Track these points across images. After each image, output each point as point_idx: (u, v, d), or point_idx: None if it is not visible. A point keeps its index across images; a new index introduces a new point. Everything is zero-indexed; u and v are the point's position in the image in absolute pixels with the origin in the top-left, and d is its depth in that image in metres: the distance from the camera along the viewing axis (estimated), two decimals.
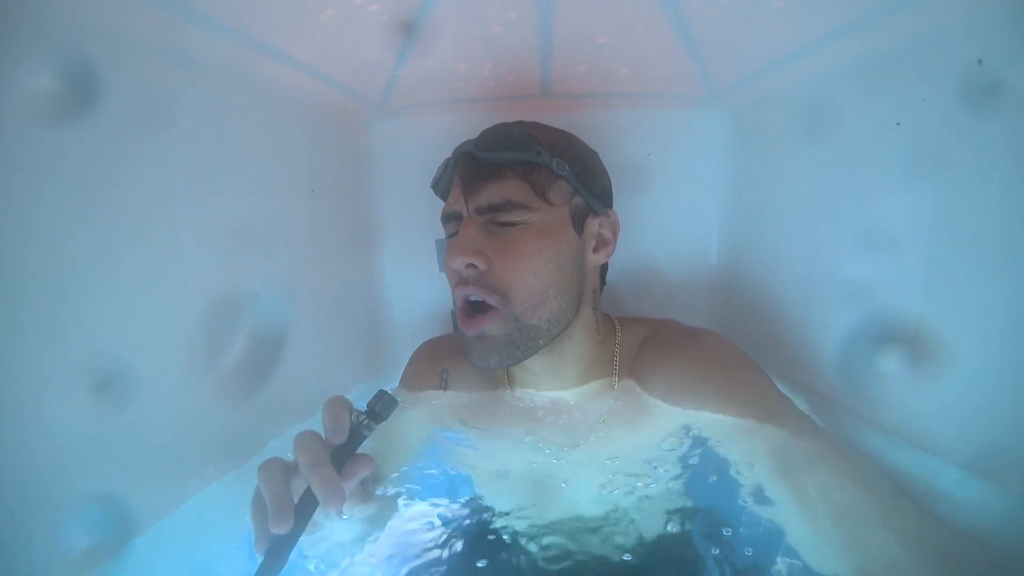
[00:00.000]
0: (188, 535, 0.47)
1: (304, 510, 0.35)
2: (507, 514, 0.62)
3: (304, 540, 0.36)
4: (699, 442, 0.58)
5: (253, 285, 0.59)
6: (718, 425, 0.51)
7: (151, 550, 0.44)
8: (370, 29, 0.54)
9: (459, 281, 0.51)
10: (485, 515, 0.64)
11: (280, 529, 0.33)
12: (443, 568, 0.64)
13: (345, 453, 0.37)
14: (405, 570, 0.63)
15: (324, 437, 0.38)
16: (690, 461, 0.60)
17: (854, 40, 0.52)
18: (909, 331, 0.49)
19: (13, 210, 0.36)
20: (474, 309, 0.50)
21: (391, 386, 0.71)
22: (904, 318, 0.50)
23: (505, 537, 0.63)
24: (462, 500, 0.66)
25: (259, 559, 0.35)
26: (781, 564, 0.58)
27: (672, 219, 0.83)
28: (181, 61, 0.48)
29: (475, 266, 0.49)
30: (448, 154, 0.57)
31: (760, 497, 0.48)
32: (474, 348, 0.51)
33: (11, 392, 0.36)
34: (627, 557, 0.58)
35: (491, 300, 0.49)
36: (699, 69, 0.67)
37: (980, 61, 0.42)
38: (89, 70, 0.40)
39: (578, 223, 0.53)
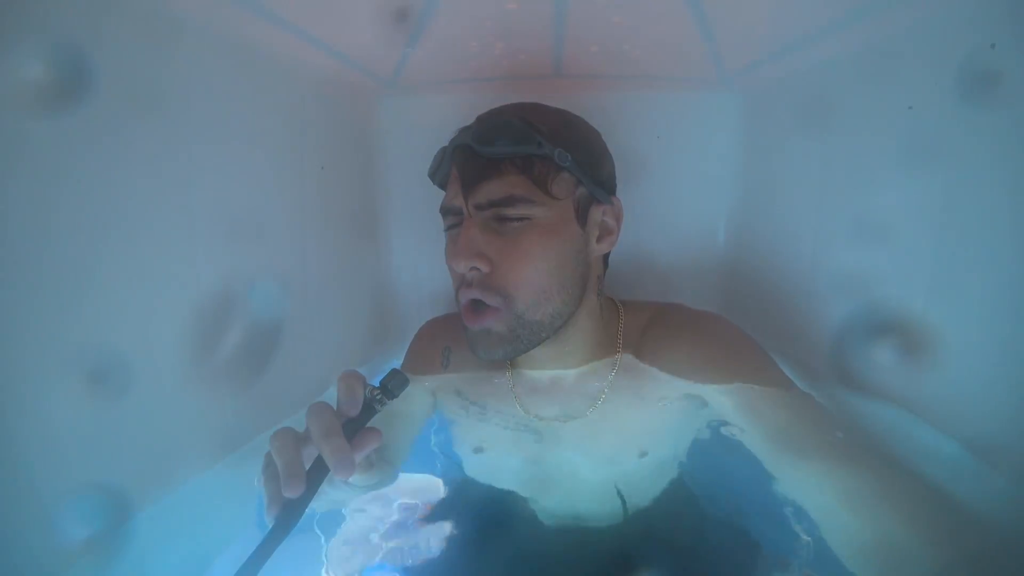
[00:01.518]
0: (186, 517, 0.48)
1: (315, 477, 0.36)
2: (506, 487, 0.63)
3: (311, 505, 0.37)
4: (700, 420, 0.59)
5: (259, 265, 0.58)
6: (720, 404, 0.52)
7: (148, 531, 0.44)
8: (384, 18, 0.54)
9: (462, 283, 0.51)
10: (484, 489, 0.65)
11: (293, 493, 0.34)
12: (442, 540, 0.66)
13: (356, 426, 0.38)
14: (405, 541, 0.65)
15: (337, 409, 0.38)
16: (689, 437, 0.60)
17: (866, 25, 0.52)
18: (914, 318, 0.50)
19: (3, 201, 0.35)
20: (477, 305, 0.50)
21: (397, 364, 0.72)
22: (908, 305, 0.50)
23: (505, 510, 0.65)
24: (461, 474, 0.67)
25: (269, 524, 0.35)
26: (782, 537, 0.59)
27: (680, 202, 0.83)
28: (180, 31, 0.46)
29: (478, 269, 0.49)
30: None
31: (761, 474, 0.49)
32: (479, 342, 0.51)
33: (4, 383, 0.35)
34: (627, 528, 0.59)
35: (493, 302, 0.49)
36: (711, 51, 0.66)
37: (993, 45, 0.42)
38: (79, 52, 0.38)
39: (581, 215, 0.52)
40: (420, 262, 0.87)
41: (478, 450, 0.62)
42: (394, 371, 0.40)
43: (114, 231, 0.42)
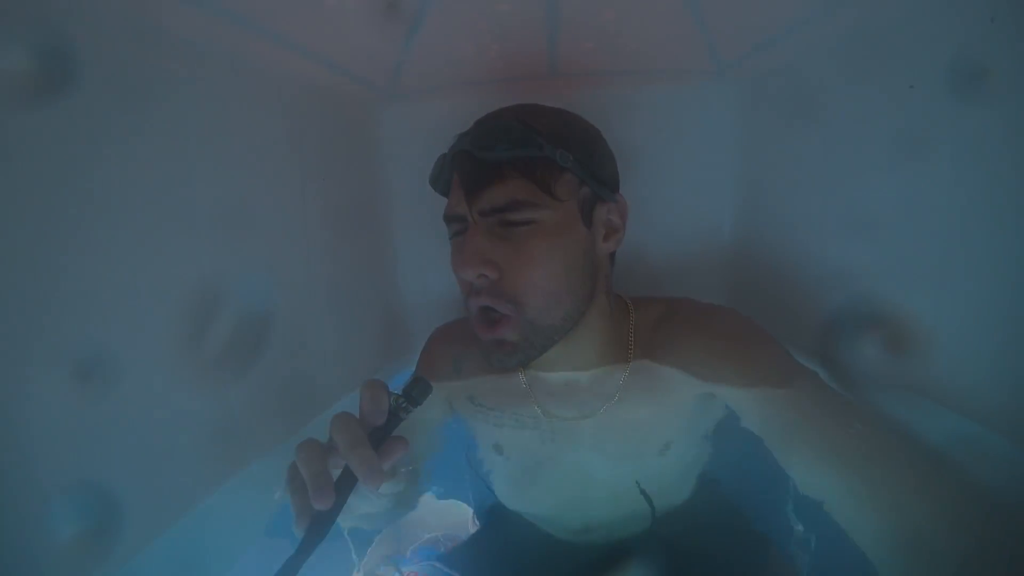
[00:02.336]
0: (198, 536, 0.47)
1: (343, 487, 0.36)
2: (527, 489, 0.63)
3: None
4: (717, 414, 0.59)
5: (255, 272, 0.58)
6: (737, 397, 0.51)
7: (159, 553, 0.44)
8: (375, 10, 0.53)
9: (470, 291, 0.50)
10: (502, 492, 0.65)
11: (322, 504, 0.34)
12: (462, 543, 0.66)
13: (381, 435, 0.38)
14: (426, 544, 0.64)
15: (362, 418, 0.38)
16: (707, 432, 0.60)
17: (861, 10, 0.51)
18: (921, 309, 0.49)
19: None
20: (489, 314, 0.50)
21: (408, 371, 0.72)
22: (915, 296, 0.50)
23: (522, 512, 0.65)
24: (479, 479, 0.67)
25: (299, 535, 0.35)
26: (801, 531, 0.59)
27: (683, 196, 0.82)
28: (173, 46, 0.46)
29: (486, 276, 0.48)
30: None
31: (781, 467, 0.48)
32: (493, 352, 0.51)
33: None
34: (645, 527, 0.59)
35: (504, 309, 0.48)
36: (706, 41, 0.66)
37: (992, 19, 0.41)
38: (66, 48, 0.38)
39: (586, 215, 0.52)
40: (427, 269, 0.86)
41: (498, 449, 0.62)
42: (417, 378, 0.40)
43: (104, 227, 0.41)
